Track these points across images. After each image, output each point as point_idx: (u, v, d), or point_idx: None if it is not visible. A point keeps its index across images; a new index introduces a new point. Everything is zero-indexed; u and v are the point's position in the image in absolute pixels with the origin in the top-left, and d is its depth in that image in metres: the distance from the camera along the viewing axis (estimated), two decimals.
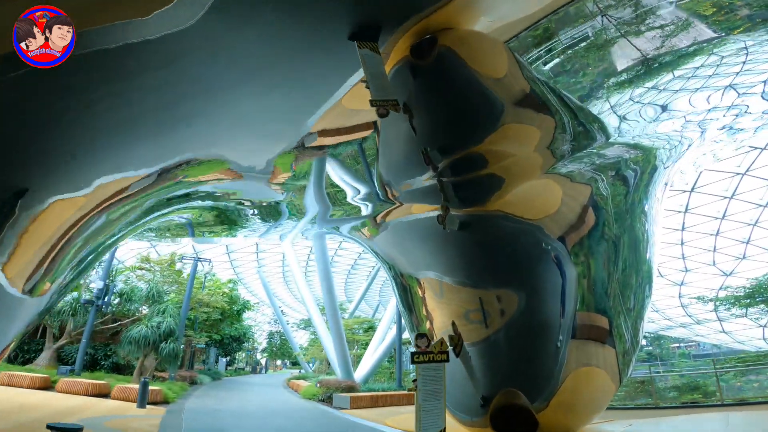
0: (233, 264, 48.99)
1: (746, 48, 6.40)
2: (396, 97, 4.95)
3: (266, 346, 72.10)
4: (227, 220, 10.40)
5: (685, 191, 25.26)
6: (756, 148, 21.70)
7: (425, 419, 7.14)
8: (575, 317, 7.81)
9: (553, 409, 7.94)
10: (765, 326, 36.54)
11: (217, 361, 48.12)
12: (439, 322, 8.41)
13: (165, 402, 16.39)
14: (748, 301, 24.59)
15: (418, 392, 7.25)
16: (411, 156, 6.15)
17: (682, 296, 37.15)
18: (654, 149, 7.10)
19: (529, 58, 5.68)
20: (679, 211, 27.10)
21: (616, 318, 8.29)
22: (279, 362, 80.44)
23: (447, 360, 7.53)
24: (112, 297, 21.65)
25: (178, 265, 26.25)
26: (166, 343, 20.46)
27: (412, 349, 7.54)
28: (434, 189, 5.83)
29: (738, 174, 23.77)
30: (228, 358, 53.54)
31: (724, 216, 26.86)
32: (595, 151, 6.32)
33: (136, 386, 15.46)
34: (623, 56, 5.79)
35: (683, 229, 28.71)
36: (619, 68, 5.97)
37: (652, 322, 46.17)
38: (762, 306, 25.39)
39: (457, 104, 5.73)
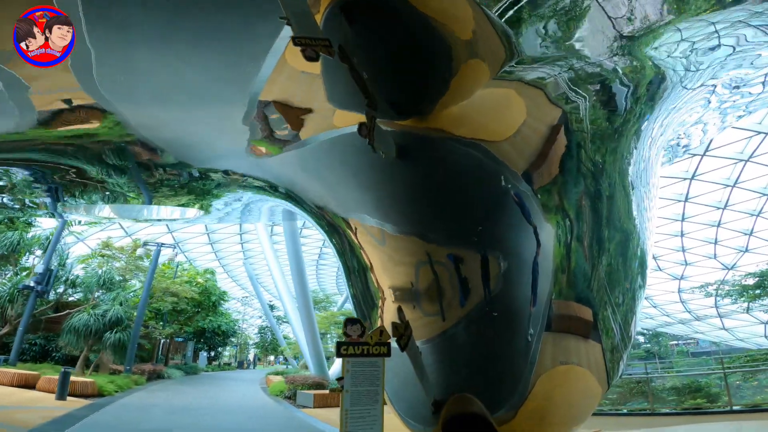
0: (218, 255, 47.43)
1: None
2: (327, 37, 3.61)
3: (258, 340, 70.59)
4: (198, 188, 8.61)
5: (685, 179, 23.83)
6: (760, 132, 20.41)
7: (354, 429, 5.57)
8: (550, 304, 6.12)
9: (523, 418, 6.23)
10: (767, 323, 35.21)
11: (197, 356, 46.47)
12: (388, 292, 6.62)
13: (99, 395, 14.96)
14: (758, 291, 22.63)
15: (345, 394, 5.65)
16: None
17: (682, 291, 35.77)
18: (650, 59, 5.35)
19: None
20: (679, 201, 25.60)
21: (602, 309, 6.62)
22: (272, 357, 78.84)
23: (387, 354, 5.95)
24: (58, 283, 19.99)
25: (140, 251, 24.49)
26: (112, 332, 18.84)
27: (340, 338, 5.96)
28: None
29: (741, 161, 22.38)
30: (212, 352, 51.99)
31: (726, 206, 25.38)
32: (570, 45, 4.59)
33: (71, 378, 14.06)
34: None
35: (683, 219, 27.23)
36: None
37: (650, 318, 45.07)
38: None
39: (402, 48, 4.26)
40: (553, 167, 5.08)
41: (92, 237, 31.88)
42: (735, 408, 10.46)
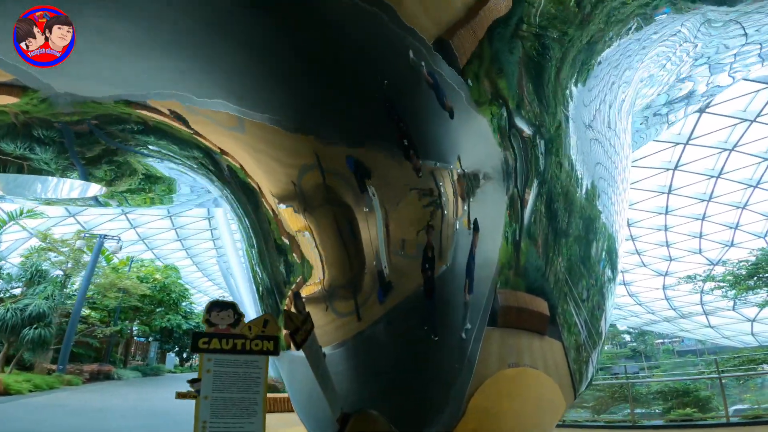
0: (190, 252, 45.33)
1: None
2: None
3: None
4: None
5: (668, 169, 22.74)
6: (746, 120, 19.40)
7: None
8: (495, 293, 4.54)
9: None
10: (753, 320, 34.50)
11: (164, 356, 44.36)
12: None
13: (3, 393, 13.94)
14: (752, 282, 21.09)
15: (202, 402, 4.18)
16: None
17: (666, 288, 34.88)
18: None
19: None
20: (662, 192, 24.48)
21: (561, 301, 5.10)
22: None
23: (273, 352, 4.46)
24: None
25: (79, 243, 22.61)
26: (31, 328, 17.32)
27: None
28: None
29: (725, 150, 21.35)
30: (184, 353, 49.88)
31: (710, 198, 24.31)
32: None
33: None
34: None
35: (666, 212, 26.15)
36: None
37: (635, 316, 44.39)
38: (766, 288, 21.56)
39: None
40: (485, 36, 3.39)
41: (50, 231, 29.97)
42: (733, 420, 8.86)
